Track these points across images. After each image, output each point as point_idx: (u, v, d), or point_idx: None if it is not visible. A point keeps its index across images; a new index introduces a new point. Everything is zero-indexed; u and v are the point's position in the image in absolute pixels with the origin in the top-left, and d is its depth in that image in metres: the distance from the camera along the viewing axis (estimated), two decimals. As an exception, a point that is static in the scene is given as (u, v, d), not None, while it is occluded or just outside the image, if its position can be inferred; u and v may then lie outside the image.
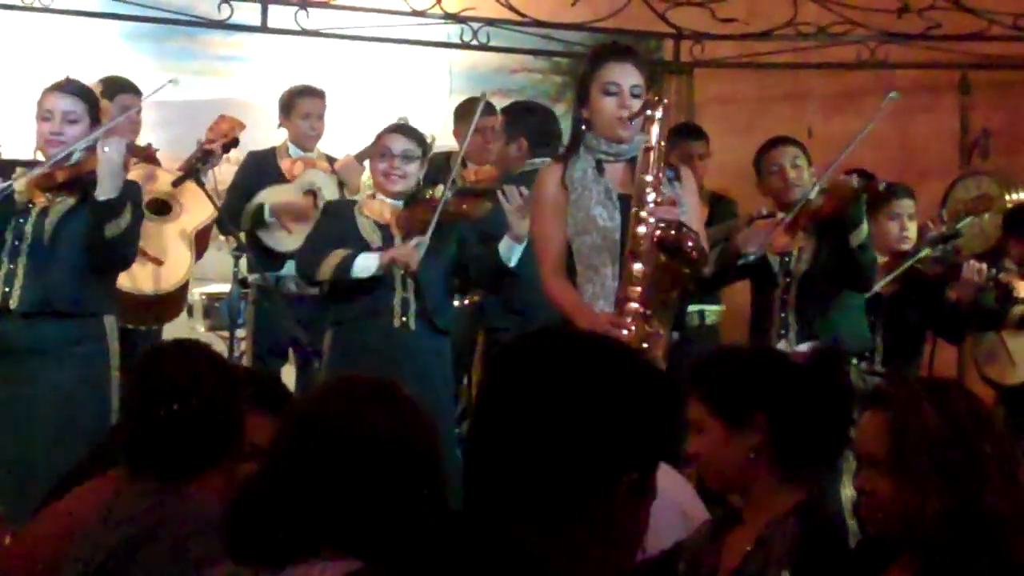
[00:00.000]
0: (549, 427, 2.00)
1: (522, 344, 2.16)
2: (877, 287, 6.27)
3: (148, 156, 6.28)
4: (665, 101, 4.89)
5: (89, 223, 5.54)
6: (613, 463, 2.02)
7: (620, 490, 2.03)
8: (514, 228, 5.76)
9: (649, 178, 4.70)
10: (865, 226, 5.87)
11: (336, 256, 5.91)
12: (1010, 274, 6.94)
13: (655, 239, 4.59)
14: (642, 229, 4.64)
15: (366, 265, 5.88)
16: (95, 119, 5.77)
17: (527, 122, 6.82)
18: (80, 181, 5.58)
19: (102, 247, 5.54)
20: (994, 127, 8.56)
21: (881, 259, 6.28)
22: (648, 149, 4.73)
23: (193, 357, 3.29)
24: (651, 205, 4.66)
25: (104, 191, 5.47)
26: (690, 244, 4.58)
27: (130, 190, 5.60)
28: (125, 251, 5.68)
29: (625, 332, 4.49)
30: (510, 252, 5.82)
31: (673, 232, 4.58)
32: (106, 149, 5.48)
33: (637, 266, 4.63)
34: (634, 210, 4.69)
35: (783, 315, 5.97)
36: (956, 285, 6.48)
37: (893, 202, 6.55)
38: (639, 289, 4.62)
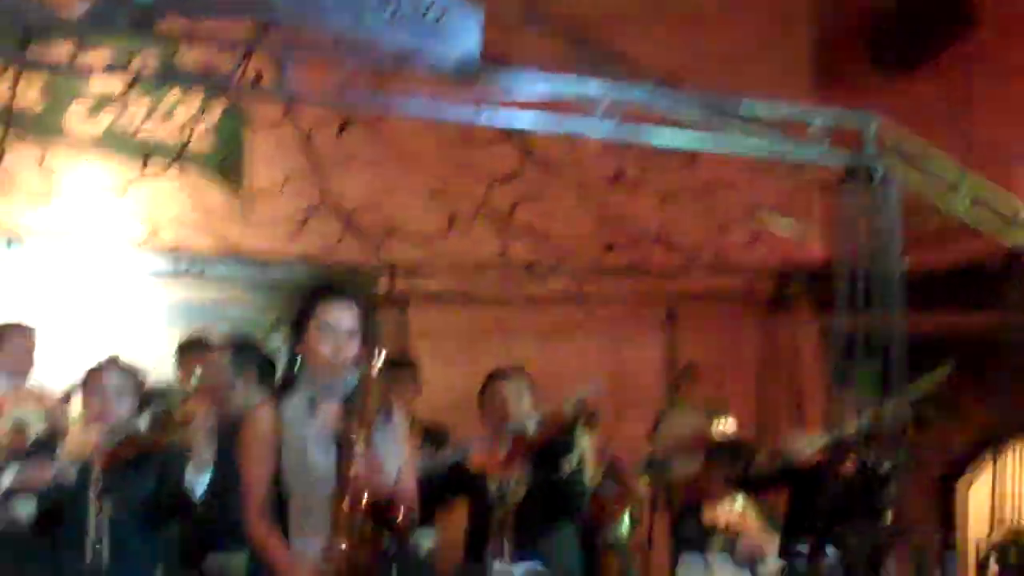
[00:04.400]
0: None
1: None
2: None
3: None
4: (384, 353, 4.88)
5: None
6: None
7: None
8: (197, 455, 5.60)
9: (361, 434, 4.69)
10: (576, 454, 5.99)
11: None
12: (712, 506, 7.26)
13: (365, 505, 4.57)
14: (350, 491, 4.60)
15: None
16: None
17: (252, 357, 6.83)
18: None
19: None
20: (700, 358, 8.82)
21: None
22: (362, 405, 4.71)
23: None
24: (361, 461, 4.62)
25: None
26: (401, 514, 4.57)
27: None
28: None
29: None
30: (194, 481, 5.62)
31: (385, 501, 4.58)
32: None
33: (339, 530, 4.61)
34: (344, 463, 4.63)
35: (501, 538, 6.02)
36: None
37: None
38: (343, 547, 4.58)
